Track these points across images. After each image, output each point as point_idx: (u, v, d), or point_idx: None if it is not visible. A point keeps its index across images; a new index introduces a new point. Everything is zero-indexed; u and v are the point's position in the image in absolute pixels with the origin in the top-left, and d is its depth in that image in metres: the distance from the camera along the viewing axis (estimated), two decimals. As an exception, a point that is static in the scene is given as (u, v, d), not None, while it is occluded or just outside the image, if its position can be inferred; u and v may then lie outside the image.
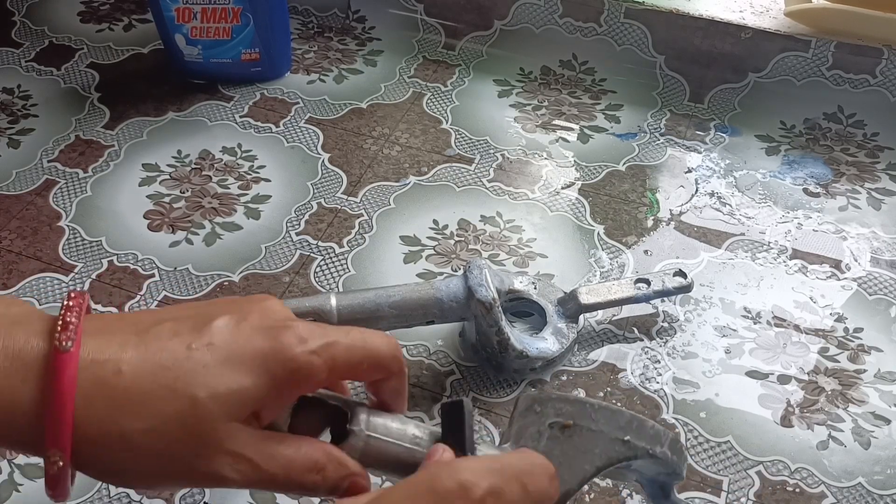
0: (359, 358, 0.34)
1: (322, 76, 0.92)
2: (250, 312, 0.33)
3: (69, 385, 0.29)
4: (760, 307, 0.69)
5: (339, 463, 0.34)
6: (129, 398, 0.30)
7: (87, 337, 0.31)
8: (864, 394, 0.63)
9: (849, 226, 0.76)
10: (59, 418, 0.29)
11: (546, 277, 0.71)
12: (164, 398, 0.31)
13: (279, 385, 0.32)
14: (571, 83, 0.92)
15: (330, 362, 0.33)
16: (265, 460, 0.32)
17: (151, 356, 0.31)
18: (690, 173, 0.81)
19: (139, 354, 0.31)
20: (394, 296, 0.58)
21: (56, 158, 0.82)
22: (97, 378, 0.30)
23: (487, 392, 0.62)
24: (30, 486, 0.57)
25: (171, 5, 0.84)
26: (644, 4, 0.89)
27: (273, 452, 0.33)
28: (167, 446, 0.31)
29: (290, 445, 0.33)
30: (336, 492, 0.34)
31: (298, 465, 0.33)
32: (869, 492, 0.57)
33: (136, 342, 0.31)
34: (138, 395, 0.31)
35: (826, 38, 0.85)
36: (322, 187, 0.79)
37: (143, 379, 0.31)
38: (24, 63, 0.94)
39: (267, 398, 0.32)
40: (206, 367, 0.31)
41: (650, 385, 0.63)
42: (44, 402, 0.29)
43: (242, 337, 0.32)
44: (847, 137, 0.86)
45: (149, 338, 0.32)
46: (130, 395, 0.30)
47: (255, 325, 0.33)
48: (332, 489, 0.34)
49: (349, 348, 0.34)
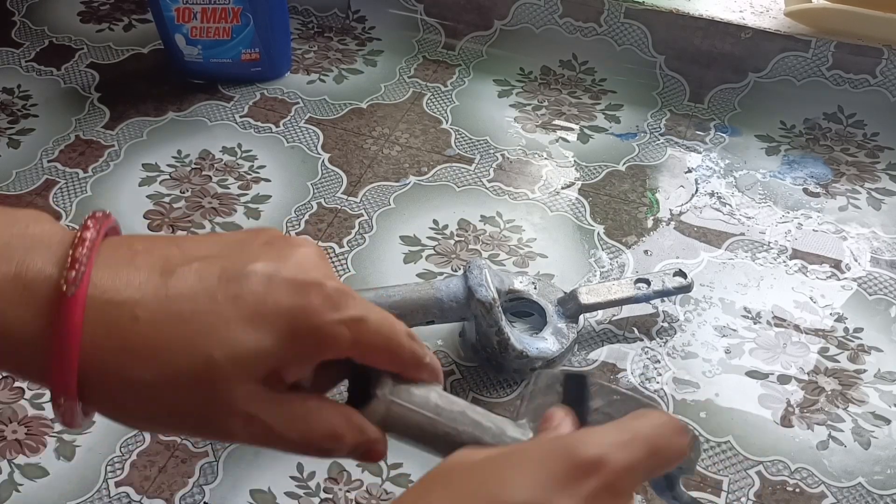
0: (381, 345, 0.33)
1: (322, 76, 0.92)
2: (286, 261, 0.31)
3: (74, 330, 0.28)
4: (760, 307, 0.69)
5: (359, 430, 0.33)
6: (141, 347, 0.29)
7: (106, 269, 0.29)
8: (864, 394, 0.63)
9: (849, 226, 0.76)
10: (63, 365, 0.28)
11: (546, 277, 0.71)
12: (179, 352, 0.29)
13: (302, 348, 0.31)
14: (571, 83, 0.92)
15: (356, 336, 0.31)
16: (280, 424, 0.31)
17: (171, 304, 0.29)
18: (690, 173, 0.81)
19: (158, 300, 0.29)
20: (394, 296, 0.58)
21: (56, 158, 0.82)
22: (110, 321, 0.29)
23: (487, 392, 0.62)
24: (30, 485, 0.57)
25: (171, 5, 0.84)
26: (644, 4, 0.89)
27: (290, 416, 0.31)
28: (177, 400, 0.30)
29: (309, 410, 0.32)
30: (351, 455, 0.34)
31: (316, 431, 0.32)
32: (869, 492, 0.57)
33: (158, 284, 0.29)
34: (151, 346, 0.29)
35: (826, 38, 0.85)
36: (322, 187, 0.79)
37: (158, 329, 0.29)
38: (24, 63, 0.94)
39: (288, 359, 0.31)
40: (227, 324, 0.29)
41: (650, 385, 0.63)
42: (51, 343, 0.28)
43: (272, 292, 0.30)
44: (847, 137, 0.86)
45: (173, 281, 0.30)
46: (143, 343, 0.29)
47: (288, 278, 0.31)
48: (347, 454, 0.33)
49: (377, 331, 0.32)
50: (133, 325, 0.29)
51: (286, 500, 0.56)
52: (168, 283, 0.30)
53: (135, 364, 0.29)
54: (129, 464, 0.58)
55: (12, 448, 0.59)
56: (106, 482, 0.57)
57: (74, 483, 0.57)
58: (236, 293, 0.30)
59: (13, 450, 0.59)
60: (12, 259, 0.28)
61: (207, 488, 0.57)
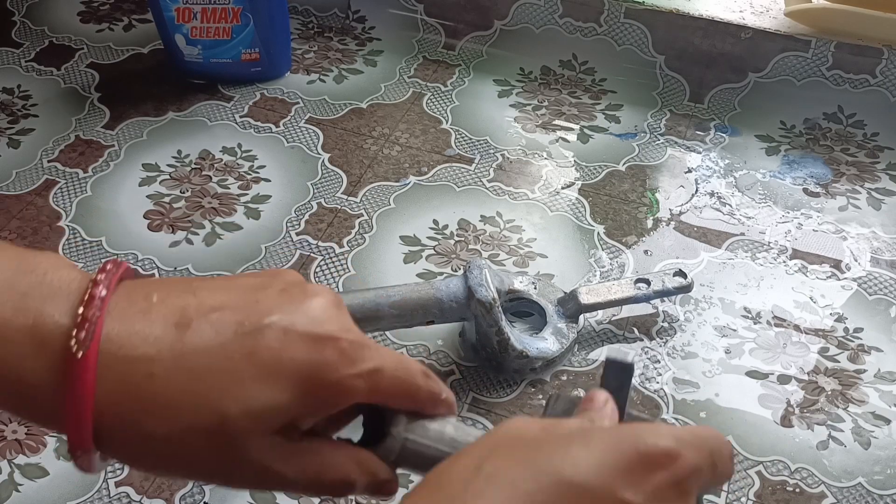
0: (398, 390, 0.33)
1: (322, 76, 0.92)
2: (301, 314, 0.31)
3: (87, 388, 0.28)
4: (760, 307, 0.69)
5: (371, 473, 0.33)
6: (156, 404, 0.29)
7: (121, 322, 0.29)
8: (864, 394, 0.63)
9: (849, 226, 0.76)
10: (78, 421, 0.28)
11: (546, 277, 0.71)
12: (194, 409, 0.29)
13: (318, 402, 0.31)
14: (571, 83, 0.92)
15: (372, 386, 0.32)
16: (294, 472, 0.31)
17: (187, 361, 0.29)
18: (690, 173, 0.81)
19: (174, 356, 0.29)
20: (394, 296, 0.58)
21: (56, 158, 0.82)
22: (125, 378, 0.29)
23: (487, 392, 0.62)
24: (30, 485, 0.57)
25: (171, 5, 0.84)
26: (644, 4, 0.89)
27: (303, 465, 0.32)
28: (192, 453, 0.30)
29: (322, 458, 0.32)
30: (364, 493, 0.34)
31: (328, 477, 0.33)
32: (869, 492, 0.57)
33: (174, 339, 0.30)
34: (167, 403, 0.29)
35: (826, 38, 0.85)
36: (322, 187, 0.79)
37: (174, 386, 0.29)
38: (24, 63, 0.94)
39: (303, 413, 0.31)
40: (243, 381, 0.30)
41: (650, 385, 0.63)
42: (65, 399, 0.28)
43: (288, 347, 0.30)
44: (847, 137, 0.86)
45: (188, 336, 0.30)
46: (159, 400, 0.29)
47: (304, 332, 0.31)
48: (359, 493, 0.34)
49: (393, 379, 0.33)
50: (148, 382, 0.29)
51: (286, 500, 0.56)
52: (184, 337, 0.30)
53: (150, 420, 0.29)
54: (129, 464, 0.58)
55: (12, 448, 0.59)
56: (106, 482, 0.57)
57: (74, 483, 0.57)
58: (252, 349, 0.30)
59: (13, 450, 0.59)
60: (29, 311, 0.29)
61: (207, 488, 0.57)
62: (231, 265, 0.71)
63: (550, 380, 0.63)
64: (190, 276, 0.70)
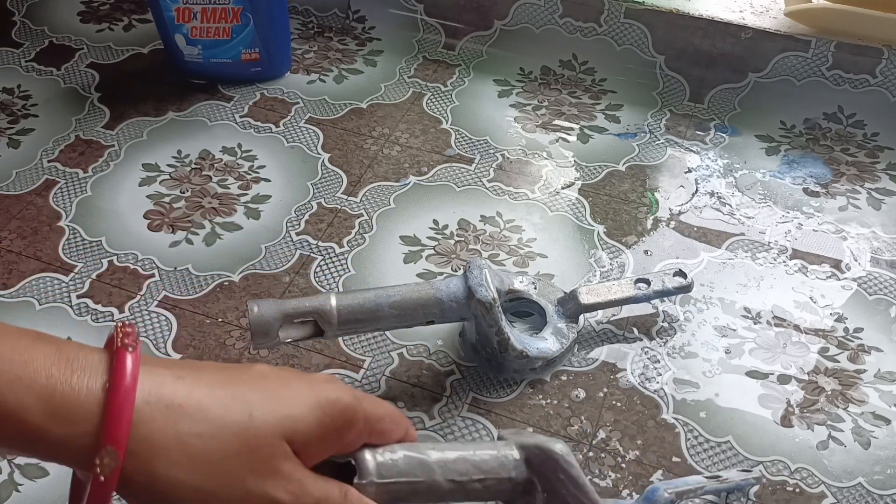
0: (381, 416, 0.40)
1: (322, 76, 0.92)
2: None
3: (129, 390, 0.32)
4: (760, 307, 0.69)
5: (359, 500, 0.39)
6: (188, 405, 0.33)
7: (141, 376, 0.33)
8: (864, 394, 0.63)
9: (849, 226, 0.76)
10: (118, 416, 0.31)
11: (546, 277, 0.71)
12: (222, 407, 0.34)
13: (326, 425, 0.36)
14: (571, 83, 0.92)
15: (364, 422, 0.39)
16: (312, 484, 0.36)
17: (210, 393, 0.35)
18: (690, 173, 0.81)
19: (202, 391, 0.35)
20: (394, 296, 0.58)
21: (56, 158, 0.82)
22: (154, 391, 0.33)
23: (487, 392, 0.62)
24: (30, 486, 0.57)
25: (171, 5, 0.84)
26: (644, 4, 0.89)
27: (315, 479, 0.36)
28: (223, 455, 0.33)
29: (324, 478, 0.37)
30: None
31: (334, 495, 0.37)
32: (869, 492, 0.57)
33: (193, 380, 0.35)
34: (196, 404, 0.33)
35: (826, 38, 0.85)
36: (322, 187, 0.79)
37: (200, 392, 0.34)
38: (24, 63, 0.94)
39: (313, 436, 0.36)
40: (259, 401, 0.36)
41: (650, 385, 0.63)
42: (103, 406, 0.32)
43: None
44: (847, 137, 0.86)
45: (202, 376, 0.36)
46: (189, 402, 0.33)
47: None
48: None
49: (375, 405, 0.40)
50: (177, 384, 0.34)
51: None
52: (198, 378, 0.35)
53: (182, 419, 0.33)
54: (129, 464, 0.58)
55: (12, 448, 0.59)
56: (106, 482, 0.57)
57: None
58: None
59: (13, 450, 0.59)
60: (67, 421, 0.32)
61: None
62: (231, 265, 0.71)
63: (550, 380, 0.63)
64: (190, 275, 0.70)
